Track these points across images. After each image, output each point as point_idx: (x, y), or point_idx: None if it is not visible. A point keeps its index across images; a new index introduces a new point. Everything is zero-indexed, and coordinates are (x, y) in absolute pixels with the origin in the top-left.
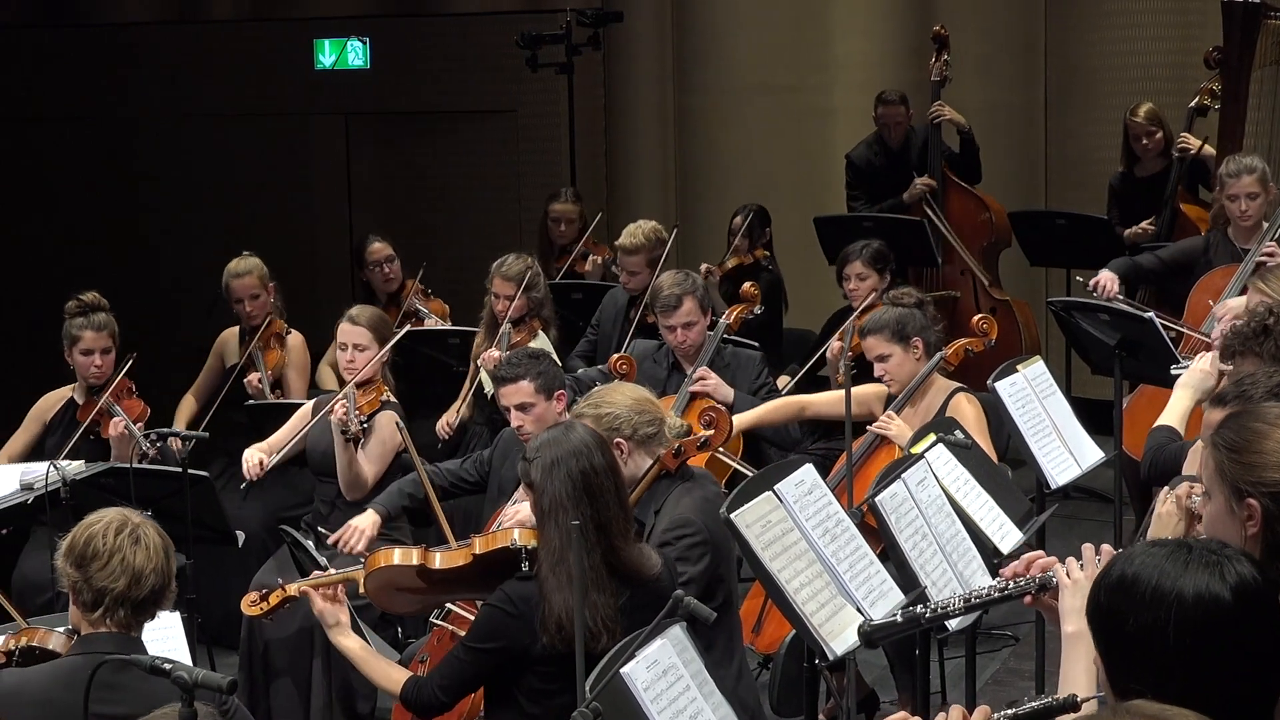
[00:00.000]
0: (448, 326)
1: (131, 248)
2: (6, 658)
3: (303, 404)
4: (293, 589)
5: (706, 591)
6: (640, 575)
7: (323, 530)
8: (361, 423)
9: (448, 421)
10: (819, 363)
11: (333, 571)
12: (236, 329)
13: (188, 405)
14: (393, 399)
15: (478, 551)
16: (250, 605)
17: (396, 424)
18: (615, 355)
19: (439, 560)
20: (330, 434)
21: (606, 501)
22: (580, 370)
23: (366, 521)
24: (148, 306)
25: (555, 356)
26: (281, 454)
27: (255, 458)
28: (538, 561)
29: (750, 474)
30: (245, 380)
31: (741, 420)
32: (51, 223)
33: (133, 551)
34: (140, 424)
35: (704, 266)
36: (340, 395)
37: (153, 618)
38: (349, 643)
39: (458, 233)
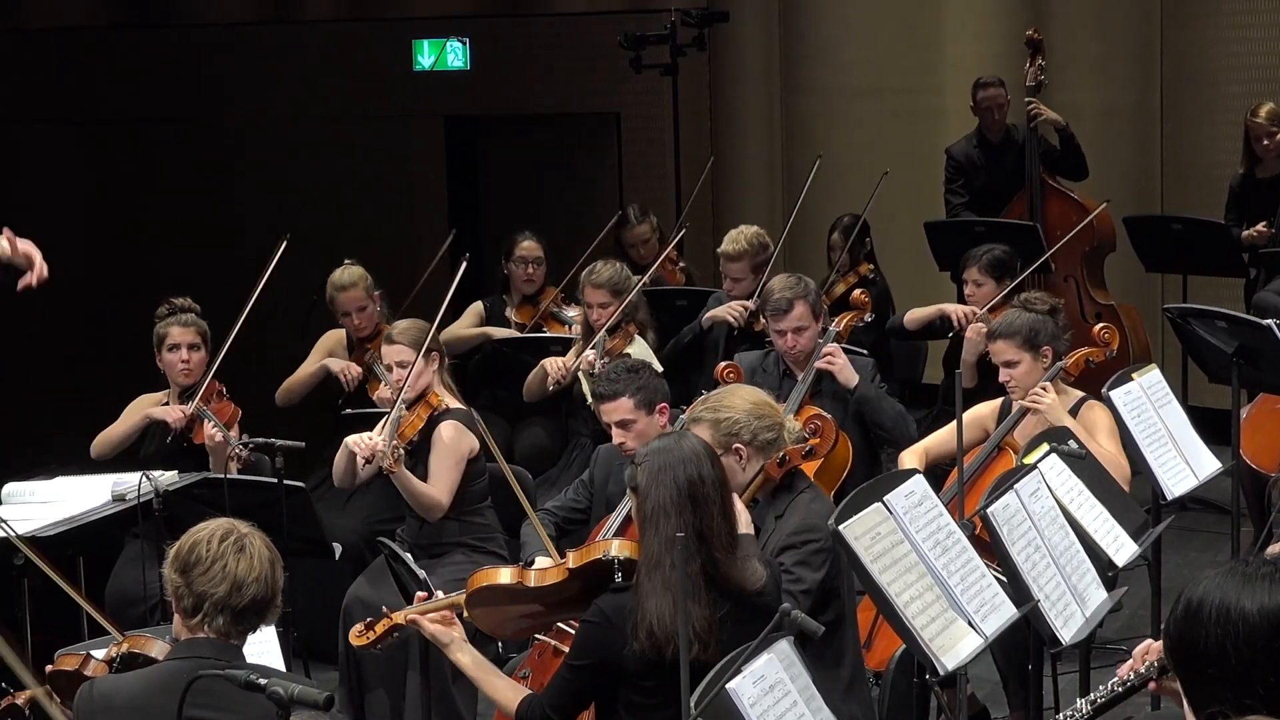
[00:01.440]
0: (547, 335)
1: (231, 252)
2: (109, 666)
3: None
4: (399, 617)
5: (820, 602)
6: (741, 589)
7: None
8: (399, 451)
9: (565, 365)
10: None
11: (439, 596)
12: (344, 332)
13: (292, 380)
14: (453, 406)
15: (573, 565)
16: (357, 636)
17: (463, 431)
18: (722, 363)
19: (535, 577)
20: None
21: (710, 512)
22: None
23: None
24: (250, 311)
25: (655, 361)
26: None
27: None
28: (635, 568)
29: None
30: (376, 396)
31: None
32: (147, 227)
33: (235, 559)
34: (234, 428)
35: None
36: (383, 421)
37: (255, 629)
38: (466, 658)
39: (559, 239)
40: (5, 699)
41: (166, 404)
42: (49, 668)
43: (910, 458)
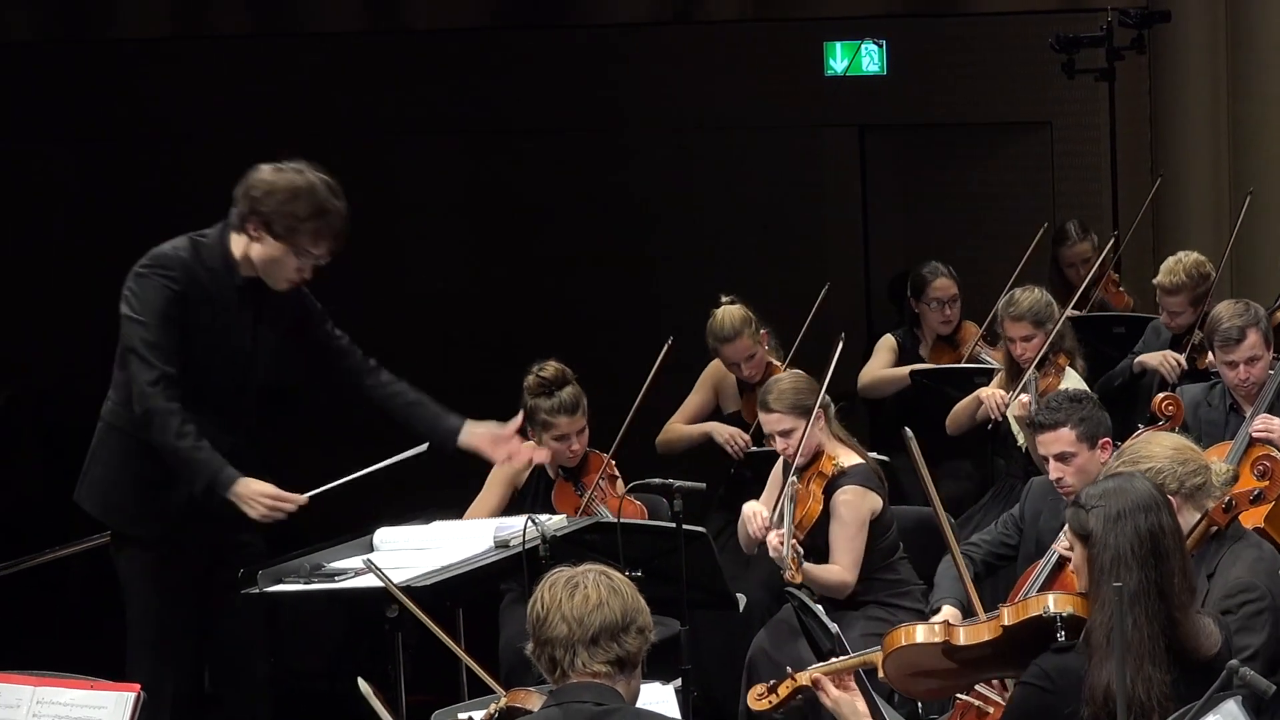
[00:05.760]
0: (970, 365)
1: (625, 271)
2: None
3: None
4: (803, 678)
5: (1270, 664)
6: (1196, 653)
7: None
8: (799, 555)
9: (1004, 398)
10: None
11: (847, 656)
12: None
13: (675, 432)
14: (849, 464)
15: (1007, 623)
16: (757, 699)
17: (863, 493)
18: (1161, 395)
19: (964, 635)
20: None
21: (1172, 568)
22: None
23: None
24: (643, 336)
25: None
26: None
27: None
28: (1086, 625)
29: None
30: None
31: None
32: (536, 244)
33: (569, 600)
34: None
35: None
36: (779, 500)
37: (625, 657)
38: None
39: (985, 258)
40: None
41: (543, 469)
42: None
43: None
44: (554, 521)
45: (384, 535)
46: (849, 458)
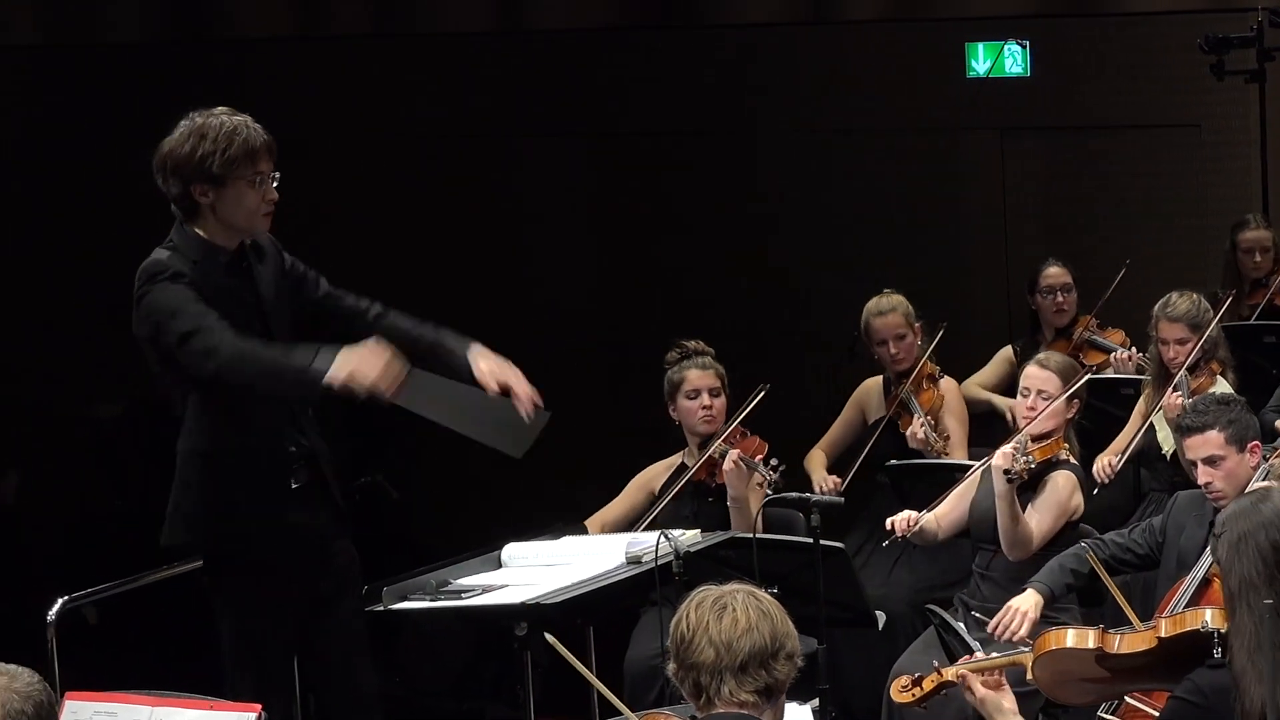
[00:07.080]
0: (1121, 375)
1: (758, 278)
2: None
3: (958, 462)
4: (950, 673)
5: None
6: None
7: (977, 615)
8: (1029, 463)
9: (1109, 462)
10: None
11: (995, 654)
12: (879, 379)
13: (816, 459)
14: (1074, 460)
15: (1163, 634)
16: (900, 691)
17: (1077, 487)
18: None
19: (1119, 643)
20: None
21: None
22: None
23: (1028, 603)
24: (777, 345)
25: None
26: (947, 529)
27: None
28: (1229, 648)
29: None
30: (908, 432)
31: None
32: (663, 254)
33: (717, 622)
34: (759, 458)
35: None
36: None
37: (772, 684)
38: None
39: (1130, 263)
40: None
41: (682, 464)
42: None
43: None
44: (687, 537)
45: (513, 551)
46: (1073, 458)
